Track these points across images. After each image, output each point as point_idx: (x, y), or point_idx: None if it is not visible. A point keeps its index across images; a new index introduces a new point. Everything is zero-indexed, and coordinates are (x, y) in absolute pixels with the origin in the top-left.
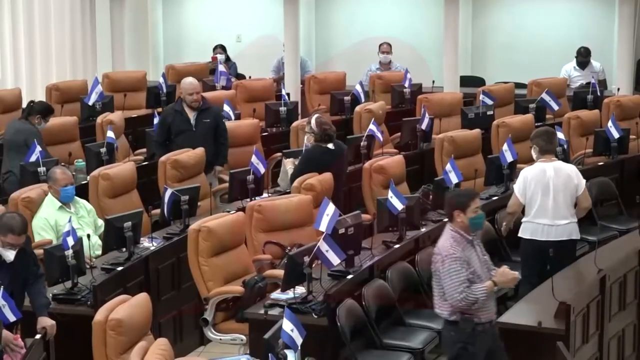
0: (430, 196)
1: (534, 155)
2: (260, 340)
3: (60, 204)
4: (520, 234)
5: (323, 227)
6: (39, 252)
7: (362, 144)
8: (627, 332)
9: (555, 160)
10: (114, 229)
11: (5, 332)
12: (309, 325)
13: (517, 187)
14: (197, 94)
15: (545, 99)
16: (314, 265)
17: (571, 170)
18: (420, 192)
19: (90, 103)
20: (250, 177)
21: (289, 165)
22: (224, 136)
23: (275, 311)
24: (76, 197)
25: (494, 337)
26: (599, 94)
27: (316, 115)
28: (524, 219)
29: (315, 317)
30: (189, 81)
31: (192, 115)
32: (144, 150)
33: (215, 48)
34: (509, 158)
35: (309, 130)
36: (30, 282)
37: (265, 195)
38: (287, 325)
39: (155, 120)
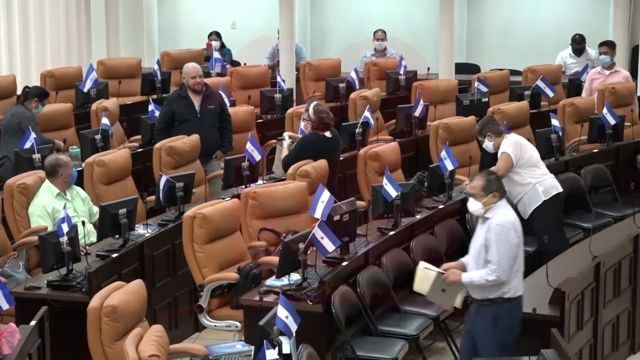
0: (425, 183)
1: (491, 144)
2: (255, 326)
3: (57, 191)
4: (544, 197)
5: (318, 214)
6: (33, 238)
7: (357, 130)
8: (622, 319)
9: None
10: (109, 216)
11: None
12: (304, 312)
13: (513, 149)
14: (200, 77)
15: (540, 86)
16: (309, 252)
17: None
18: (415, 179)
19: (85, 90)
20: (245, 163)
21: (285, 143)
22: (228, 121)
23: (270, 298)
24: (72, 185)
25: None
26: (584, 78)
27: (315, 103)
28: (537, 181)
29: (310, 303)
30: (192, 65)
31: (196, 102)
32: (139, 137)
33: (210, 35)
34: None
35: (307, 118)
36: None
37: (260, 182)
38: (281, 312)
39: (151, 107)
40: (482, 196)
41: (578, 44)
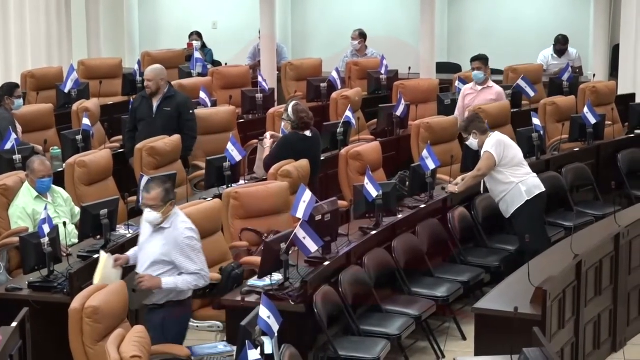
0: (407, 182)
1: (475, 142)
2: (238, 327)
3: (37, 192)
4: (527, 197)
5: (300, 213)
6: (14, 239)
7: (338, 130)
8: (603, 317)
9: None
10: (90, 217)
11: None
12: (286, 312)
13: (496, 149)
14: (149, 81)
15: (521, 85)
16: (290, 252)
17: None
18: (397, 179)
19: (66, 90)
20: (227, 164)
21: (267, 143)
22: (188, 127)
23: (252, 298)
24: (53, 186)
25: None
26: (565, 78)
27: (294, 103)
28: (520, 181)
29: (292, 303)
30: (150, 67)
31: (155, 103)
32: (120, 137)
33: (191, 35)
34: None
35: (286, 118)
36: None
37: (241, 182)
38: (264, 312)
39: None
40: (161, 207)
41: (562, 45)
